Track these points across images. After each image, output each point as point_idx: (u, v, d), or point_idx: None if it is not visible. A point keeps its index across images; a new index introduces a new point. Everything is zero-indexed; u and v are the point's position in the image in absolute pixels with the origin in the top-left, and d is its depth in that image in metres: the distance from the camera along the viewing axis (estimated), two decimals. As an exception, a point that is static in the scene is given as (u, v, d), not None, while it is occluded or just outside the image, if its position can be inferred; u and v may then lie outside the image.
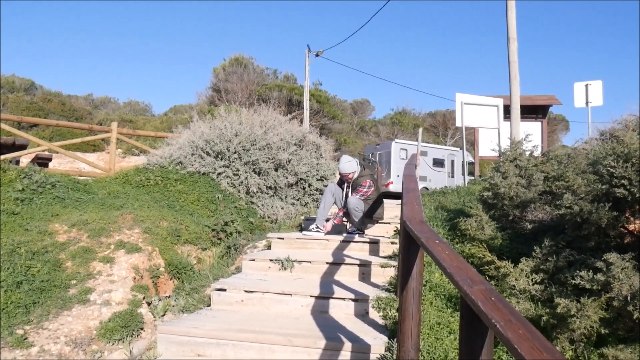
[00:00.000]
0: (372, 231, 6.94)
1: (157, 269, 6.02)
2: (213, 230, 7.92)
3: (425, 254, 3.55)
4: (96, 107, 36.94)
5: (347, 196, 6.58)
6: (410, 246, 3.13)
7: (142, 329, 4.79)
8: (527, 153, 6.22)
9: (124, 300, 5.05)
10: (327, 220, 6.60)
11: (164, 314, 5.23)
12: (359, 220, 6.44)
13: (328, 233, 6.48)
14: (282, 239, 6.32)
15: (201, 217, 8.24)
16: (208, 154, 9.53)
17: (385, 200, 7.25)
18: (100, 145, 21.95)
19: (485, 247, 4.72)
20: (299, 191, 9.82)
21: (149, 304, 5.35)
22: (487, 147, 14.36)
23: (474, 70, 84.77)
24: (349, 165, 6.50)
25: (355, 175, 6.53)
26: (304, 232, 6.52)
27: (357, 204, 6.34)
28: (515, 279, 4.11)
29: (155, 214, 7.27)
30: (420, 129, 13.66)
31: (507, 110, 12.15)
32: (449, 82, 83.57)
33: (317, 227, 6.49)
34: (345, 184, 6.66)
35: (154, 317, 5.12)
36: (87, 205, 7.25)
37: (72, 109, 29.01)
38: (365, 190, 6.41)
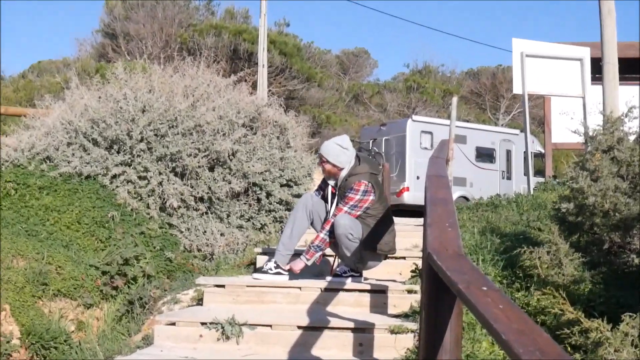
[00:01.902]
0: (376, 272, 6.92)
1: (7, 342, 5.93)
2: (104, 273, 7.80)
3: (465, 309, 3.51)
4: None
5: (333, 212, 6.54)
6: (439, 297, 3.12)
7: None
8: (632, 138, 6.27)
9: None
10: (297, 254, 6.54)
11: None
12: (352, 253, 6.40)
13: (295, 272, 6.44)
14: (223, 286, 6.27)
15: (84, 250, 8.14)
16: (96, 143, 9.43)
17: (396, 220, 7.22)
18: None
19: (565, 297, 4.73)
20: (250, 205, 9.74)
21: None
22: (564, 129, 14.47)
23: (539, 6, 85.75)
24: (338, 150, 6.44)
25: (344, 173, 6.48)
26: (256, 276, 6.48)
27: (350, 226, 6.28)
28: (616, 350, 4.13)
29: (5, 247, 7.16)
30: (455, 99, 13.67)
31: (596, 67, 12.27)
32: (501, 22, 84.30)
33: (277, 265, 6.45)
34: (330, 191, 6.60)
35: None
36: None
37: None
38: (358, 197, 6.33)
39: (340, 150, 6.46)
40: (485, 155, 21.57)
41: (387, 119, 33.19)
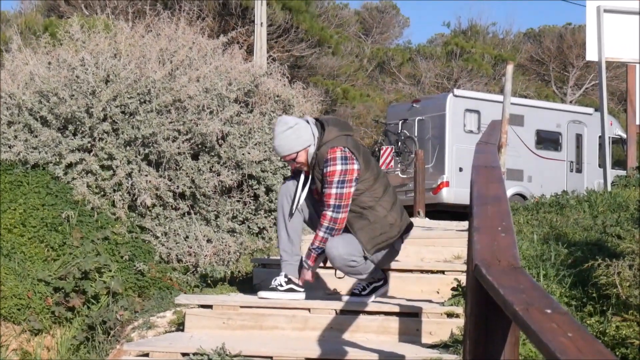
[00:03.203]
0: (408, 290, 6.94)
1: None
2: (57, 290, 7.81)
3: (523, 337, 3.50)
4: None
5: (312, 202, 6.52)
6: (489, 322, 3.13)
7: None
8: None
9: None
10: (307, 260, 6.51)
11: None
12: (365, 272, 6.40)
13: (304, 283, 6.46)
14: (210, 307, 6.28)
15: (30, 260, 8.15)
16: (45, 122, 9.44)
17: (434, 224, 7.25)
18: None
19: (652, 324, 4.74)
20: (245, 203, 9.76)
21: None
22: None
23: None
24: (293, 133, 6.35)
25: (312, 149, 6.43)
26: (263, 294, 6.46)
27: (346, 253, 6.10)
28: None
29: None
30: (510, 68, 13.62)
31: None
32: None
33: (289, 279, 6.44)
34: (303, 176, 6.55)
35: None
36: None
37: None
38: (339, 168, 6.14)
39: (294, 131, 6.37)
40: (548, 140, 21.54)
41: (421, 93, 33.13)
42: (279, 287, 6.40)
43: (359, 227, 6.27)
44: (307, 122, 6.42)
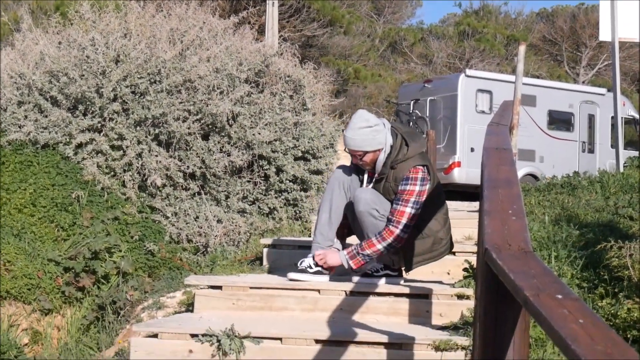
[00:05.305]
0: (418, 270, 6.91)
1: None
2: (67, 270, 7.82)
3: (534, 322, 3.46)
4: None
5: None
6: (500, 306, 3.10)
7: None
8: None
9: None
10: (351, 262, 6.42)
11: None
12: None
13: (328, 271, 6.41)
14: (220, 288, 6.27)
15: (40, 240, 8.15)
16: (56, 102, 9.43)
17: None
18: None
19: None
20: (256, 184, 9.73)
21: None
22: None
23: None
24: (370, 132, 6.33)
25: (382, 155, 6.39)
26: (292, 276, 6.41)
27: (373, 200, 6.15)
28: None
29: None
30: (522, 49, 13.56)
31: None
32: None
33: (317, 262, 6.41)
34: (366, 175, 6.52)
35: None
36: None
37: None
38: (418, 188, 6.16)
39: (371, 131, 6.31)
40: (560, 121, 21.47)
41: (433, 73, 33.11)
42: (309, 269, 6.37)
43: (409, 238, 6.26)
44: (384, 125, 6.39)
